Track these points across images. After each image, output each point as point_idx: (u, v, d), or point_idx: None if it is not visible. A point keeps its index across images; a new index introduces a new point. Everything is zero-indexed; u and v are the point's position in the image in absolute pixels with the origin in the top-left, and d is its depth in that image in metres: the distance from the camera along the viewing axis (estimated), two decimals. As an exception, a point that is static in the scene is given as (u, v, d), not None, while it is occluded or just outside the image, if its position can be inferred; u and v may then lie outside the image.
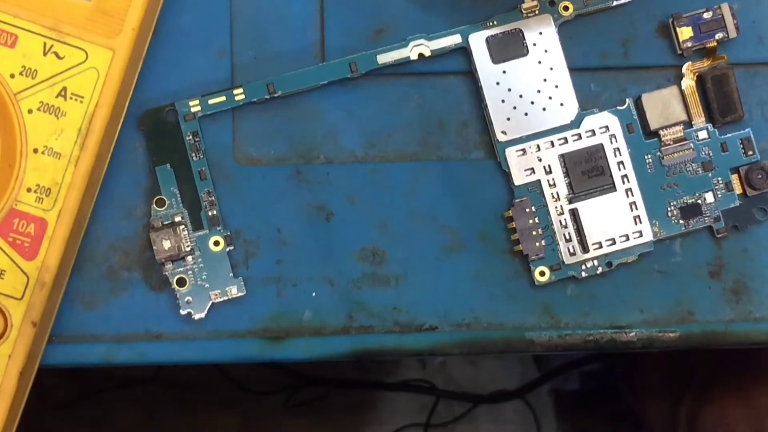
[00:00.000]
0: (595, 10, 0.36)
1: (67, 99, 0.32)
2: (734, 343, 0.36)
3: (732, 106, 0.35)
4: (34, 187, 0.32)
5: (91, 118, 0.32)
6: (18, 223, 0.32)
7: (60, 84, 0.32)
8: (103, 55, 0.32)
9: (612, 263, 0.35)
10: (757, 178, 0.35)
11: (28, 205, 0.32)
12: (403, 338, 0.35)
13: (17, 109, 0.32)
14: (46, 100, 0.32)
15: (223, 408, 0.80)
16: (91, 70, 0.32)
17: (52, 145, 0.32)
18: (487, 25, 0.35)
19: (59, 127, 0.32)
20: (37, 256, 0.32)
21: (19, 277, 0.32)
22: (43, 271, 0.32)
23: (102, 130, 0.33)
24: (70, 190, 0.32)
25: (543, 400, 0.81)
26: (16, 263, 0.32)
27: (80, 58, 0.32)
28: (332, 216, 0.35)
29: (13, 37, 0.32)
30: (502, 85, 0.35)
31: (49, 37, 0.32)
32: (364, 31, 0.35)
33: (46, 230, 0.32)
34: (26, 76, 0.32)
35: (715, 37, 0.35)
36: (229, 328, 0.35)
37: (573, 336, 0.35)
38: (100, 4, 0.33)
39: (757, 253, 0.36)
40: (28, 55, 0.32)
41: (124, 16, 0.33)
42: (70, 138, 0.32)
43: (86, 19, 0.32)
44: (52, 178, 0.32)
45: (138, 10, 0.33)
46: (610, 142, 0.35)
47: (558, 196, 0.35)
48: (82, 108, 0.32)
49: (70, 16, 0.32)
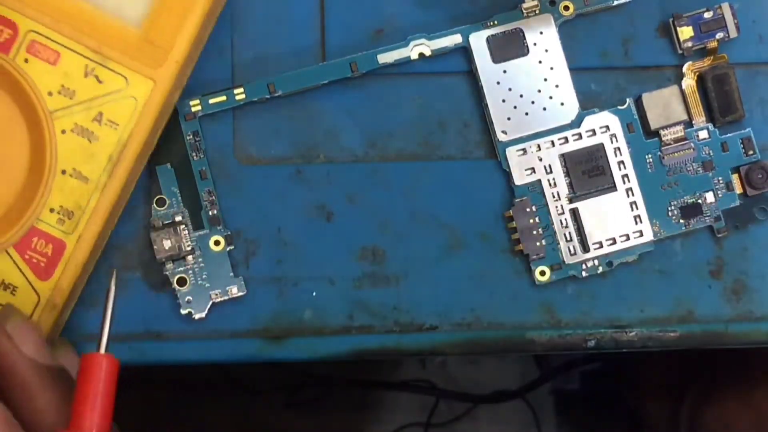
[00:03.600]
0: (596, 10, 0.36)
1: (101, 124, 0.32)
2: (734, 343, 0.36)
3: (732, 105, 0.35)
4: (58, 208, 0.32)
5: (123, 146, 0.32)
6: (37, 241, 0.32)
7: (97, 108, 0.32)
8: (143, 85, 0.32)
9: (612, 263, 0.35)
10: (757, 177, 0.35)
11: (49, 225, 0.32)
12: (403, 338, 0.35)
13: (50, 128, 0.31)
14: (81, 123, 0.32)
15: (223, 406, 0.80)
16: (129, 99, 0.32)
17: (81, 169, 0.32)
18: (488, 25, 0.35)
19: (90, 152, 0.32)
20: (51, 277, 0.32)
21: (30, 295, 0.32)
22: (56, 292, 0.32)
23: (133, 159, 0.32)
24: (92, 216, 0.32)
25: (543, 400, 0.81)
26: (29, 281, 0.32)
27: (120, 84, 0.32)
28: (332, 216, 0.35)
29: (55, 55, 0.31)
30: (502, 85, 0.35)
31: (92, 59, 0.32)
32: (364, 31, 0.35)
33: (64, 253, 0.32)
34: (64, 96, 0.32)
35: (716, 36, 0.35)
36: (229, 327, 0.35)
37: (573, 336, 0.35)
38: (148, 32, 0.32)
39: (757, 252, 0.36)
40: (69, 74, 0.32)
41: (170, 48, 0.32)
42: (100, 164, 0.32)
43: (131, 45, 0.32)
44: (77, 201, 0.32)
45: (184, 43, 0.32)
46: (610, 142, 0.35)
47: (558, 196, 0.35)
48: (115, 135, 0.32)
49: (115, 40, 0.32)
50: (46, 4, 0.31)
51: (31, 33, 0.31)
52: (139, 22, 0.32)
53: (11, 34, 0.31)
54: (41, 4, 0.31)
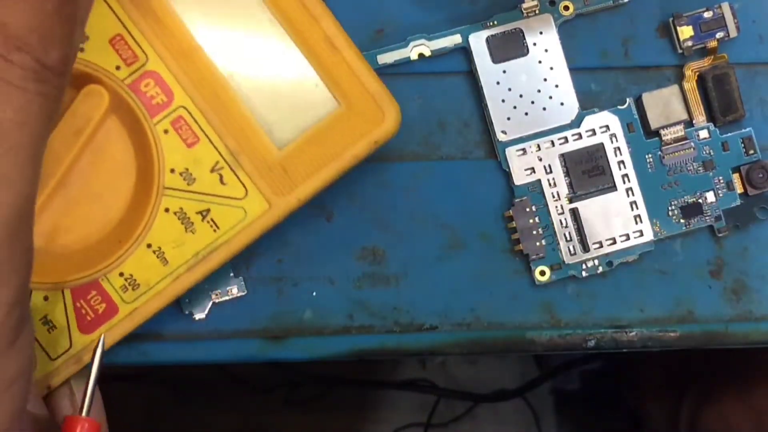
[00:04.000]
0: (596, 10, 0.36)
1: (204, 220, 0.31)
2: (734, 343, 0.36)
3: (733, 105, 0.35)
4: (128, 275, 0.31)
5: (213, 250, 0.31)
6: (93, 296, 0.31)
7: (207, 204, 0.31)
8: (259, 204, 0.31)
9: (612, 263, 0.35)
10: (758, 177, 0.35)
11: (112, 287, 0.31)
12: (404, 338, 0.35)
13: (157, 202, 0.31)
14: (186, 210, 0.31)
15: (223, 405, 0.80)
16: (240, 210, 0.31)
17: (166, 251, 0.31)
18: (488, 25, 0.35)
19: (182, 240, 0.31)
20: (91, 334, 0.31)
21: (63, 340, 0.31)
22: (87, 349, 0.31)
23: (216, 264, 0.32)
24: (155, 297, 0.31)
25: (543, 400, 0.81)
26: (69, 328, 0.31)
27: (239, 193, 0.31)
28: (332, 215, 0.35)
29: (195, 139, 0.31)
30: (502, 85, 0.35)
31: (225, 158, 0.31)
32: (364, 31, 0.35)
33: (113, 318, 0.31)
34: (183, 179, 0.31)
35: (716, 36, 0.35)
36: (229, 327, 0.35)
37: (573, 336, 0.35)
38: (287, 159, 0.31)
39: (757, 252, 0.36)
40: (198, 162, 0.31)
41: (299, 183, 0.31)
42: (185, 255, 0.31)
43: (266, 164, 0.31)
44: (147, 278, 0.31)
45: (313, 185, 0.31)
46: (610, 142, 0.35)
47: (558, 196, 0.35)
48: (212, 236, 0.31)
49: (255, 152, 0.31)
50: (210, 92, 0.31)
51: (182, 109, 0.31)
52: (283, 146, 0.32)
53: (165, 101, 0.31)
54: (206, 90, 0.31)
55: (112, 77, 0.31)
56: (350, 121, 0.32)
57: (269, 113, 0.32)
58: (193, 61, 0.31)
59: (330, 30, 0.32)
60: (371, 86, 0.32)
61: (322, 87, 0.32)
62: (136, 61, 0.31)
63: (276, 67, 0.32)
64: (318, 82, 0.32)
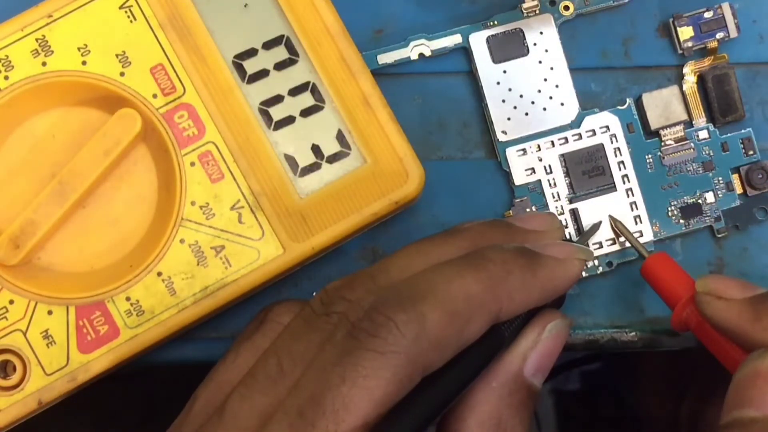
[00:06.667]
0: (596, 10, 0.36)
1: (217, 256, 0.31)
2: (734, 343, 0.36)
3: (733, 105, 0.35)
4: (134, 300, 0.31)
5: (222, 287, 0.31)
6: (97, 316, 0.31)
7: (222, 241, 0.31)
8: (274, 247, 0.31)
9: (613, 263, 0.35)
10: (757, 177, 0.35)
11: (117, 310, 0.31)
12: (404, 338, 0.35)
13: (173, 233, 0.31)
14: (201, 244, 0.31)
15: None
16: (254, 251, 0.31)
17: (175, 281, 0.31)
18: (488, 25, 0.35)
19: (193, 273, 0.31)
20: (88, 354, 0.31)
21: (60, 357, 0.31)
22: (83, 370, 0.31)
23: (223, 301, 0.32)
24: (158, 326, 0.31)
25: (543, 400, 0.81)
26: (68, 345, 0.31)
27: (256, 234, 0.31)
28: (332, 215, 0.35)
29: (220, 175, 0.31)
30: (502, 85, 0.35)
31: (247, 199, 0.31)
32: (364, 31, 0.35)
33: (113, 341, 0.31)
34: (203, 213, 0.31)
35: (716, 36, 0.35)
36: (229, 327, 0.35)
37: (573, 336, 0.35)
38: (307, 208, 0.32)
39: (757, 252, 0.36)
40: (219, 199, 0.31)
41: (316, 233, 0.32)
42: (193, 288, 0.31)
43: (286, 209, 0.32)
44: (153, 306, 0.31)
45: (330, 238, 0.32)
46: (610, 142, 0.35)
47: (558, 196, 0.35)
48: (222, 272, 0.31)
49: (277, 197, 0.32)
50: (241, 132, 0.32)
51: (212, 144, 0.31)
52: (305, 195, 0.32)
53: (196, 134, 0.31)
54: (237, 129, 0.32)
55: (148, 104, 0.31)
56: (374, 178, 0.32)
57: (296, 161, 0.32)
58: (229, 100, 0.32)
59: (366, 88, 0.32)
60: (400, 148, 0.32)
61: (352, 143, 0.32)
62: (174, 92, 0.31)
63: (309, 118, 0.32)
64: (349, 137, 0.32)
